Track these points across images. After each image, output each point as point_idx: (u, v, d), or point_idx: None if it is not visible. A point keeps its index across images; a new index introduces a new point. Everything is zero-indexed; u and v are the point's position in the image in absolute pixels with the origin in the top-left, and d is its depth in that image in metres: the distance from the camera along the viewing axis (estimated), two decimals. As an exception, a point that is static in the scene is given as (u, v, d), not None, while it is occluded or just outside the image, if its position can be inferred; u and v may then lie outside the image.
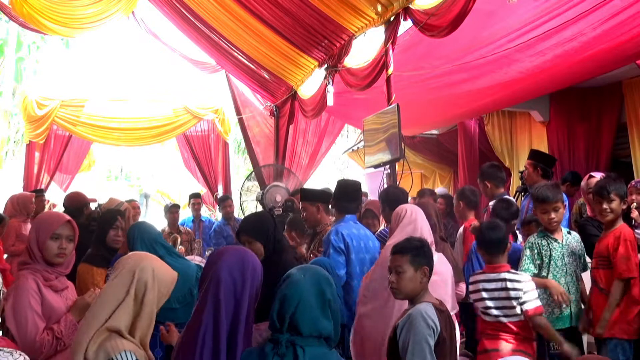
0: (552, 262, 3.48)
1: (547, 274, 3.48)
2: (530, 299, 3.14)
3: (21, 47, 14.28)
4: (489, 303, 3.19)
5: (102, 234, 3.64)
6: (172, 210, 7.13)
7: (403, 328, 2.32)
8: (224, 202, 7.43)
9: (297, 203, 5.32)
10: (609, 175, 3.49)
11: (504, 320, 3.16)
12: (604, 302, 3.23)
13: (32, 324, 2.49)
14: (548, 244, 3.50)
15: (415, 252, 2.47)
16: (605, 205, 3.24)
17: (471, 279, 3.36)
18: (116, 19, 8.11)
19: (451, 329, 2.45)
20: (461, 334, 4.11)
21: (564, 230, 3.60)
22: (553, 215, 3.44)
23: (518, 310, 3.14)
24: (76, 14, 7.90)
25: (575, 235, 3.63)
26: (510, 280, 3.18)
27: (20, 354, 1.72)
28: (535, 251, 3.51)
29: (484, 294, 3.22)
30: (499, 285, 3.20)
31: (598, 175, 3.84)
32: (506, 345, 3.12)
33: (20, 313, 2.48)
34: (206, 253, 6.22)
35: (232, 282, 1.84)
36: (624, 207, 3.31)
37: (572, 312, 3.41)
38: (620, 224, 3.27)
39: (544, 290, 3.44)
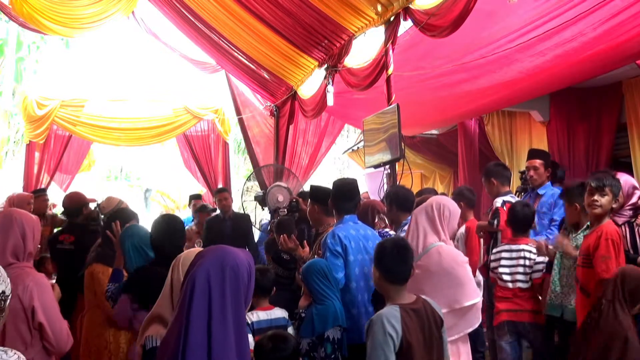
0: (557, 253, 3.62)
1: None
2: (538, 270, 3.81)
3: (21, 47, 14.25)
4: (506, 270, 3.88)
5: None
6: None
7: (367, 332, 2.37)
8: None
9: (302, 203, 5.32)
10: (607, 172, 3.47)
11: (517, 285, 3.83)
12: (583, 300, 3.23)
13: (62, 319, 2.62)
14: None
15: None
16: (596, 197, 3.21)
17: (494, 250, 4.05)
18: (116, 19, 8.10)
19: (429, 329, 2.41)
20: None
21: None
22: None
23: (528, 277, 3.82)
24: (76, 14, 7.88)
25: None
26: (527, 251, 3.87)
27: (14, 352, 1.73)
28: None
29: (503, 262, 3.92)
30: (517, 255, 3.88)
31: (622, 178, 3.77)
32: (514, 305, 3.82)
33: (51, 310, 2.59)
34: None
35: (207, 286, 1.75)
36: (614, 205, 3.28)
37: (568, 308, 3.48)
38: (606, 221, 3.23)
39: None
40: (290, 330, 3.24)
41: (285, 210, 5.50)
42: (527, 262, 3.87)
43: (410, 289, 2.73)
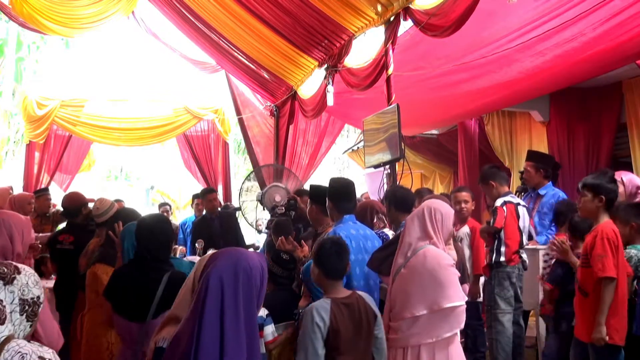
0: None
1: None
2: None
3: (21, 47, 14.25)
4: (545, 265, 4.28)
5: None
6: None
7: (300, 322, 2.63)
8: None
9: (300, 202, 5.31)
10: (603, 171, 3.46)
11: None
12: (582, 300, 3.23)
13: (53, 319, 2.57)
14: None
15: None
16: (579, 199, 3.27)
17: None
18: (116, 19, 8.11)
19: (360, 322, 2.62)
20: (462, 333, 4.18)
21: None
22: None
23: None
24: (76, 14, 7.89)
25: None
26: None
27: (48, 348, 1.75)
28: None
29: (546, 257, 4.30)
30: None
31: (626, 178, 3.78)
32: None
33: (42, 310, 2.55)
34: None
35: (220, 288, 1.75)
36: (599, 204, 3.22)
37: None
38: (604, 220, 3.21)
39: None
40: (269, 328, 3.22)
41: (283, 208, 5.48)
42: (547, 257, 4.28)
43: (397, 289, 2.84)
